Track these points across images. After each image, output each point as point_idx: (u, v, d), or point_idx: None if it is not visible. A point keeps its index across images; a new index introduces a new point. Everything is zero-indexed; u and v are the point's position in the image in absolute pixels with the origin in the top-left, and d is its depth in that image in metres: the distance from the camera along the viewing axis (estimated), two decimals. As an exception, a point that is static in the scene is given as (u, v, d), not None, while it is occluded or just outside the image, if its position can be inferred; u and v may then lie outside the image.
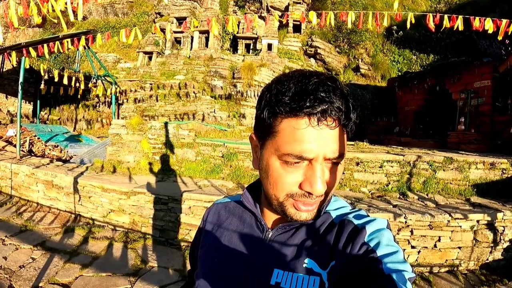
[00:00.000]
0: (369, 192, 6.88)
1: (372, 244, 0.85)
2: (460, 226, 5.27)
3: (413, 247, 5.25)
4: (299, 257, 0.92)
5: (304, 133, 0.81)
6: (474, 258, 5.37)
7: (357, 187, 7.02)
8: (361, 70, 18.38)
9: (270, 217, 1.04)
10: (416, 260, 5.26)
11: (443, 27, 8.55)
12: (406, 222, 5.19)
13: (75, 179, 7.39)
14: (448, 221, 5.24)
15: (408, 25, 8.38)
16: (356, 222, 0.93)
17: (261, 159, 0.94)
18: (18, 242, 5.79)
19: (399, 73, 17.41)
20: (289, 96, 0.82)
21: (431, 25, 8.43)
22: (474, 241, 5.34)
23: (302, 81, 0.83)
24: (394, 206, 5.81)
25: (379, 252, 0.82)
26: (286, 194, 0.88)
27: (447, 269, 5.30)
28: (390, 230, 0.92)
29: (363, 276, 0.80)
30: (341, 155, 0.85)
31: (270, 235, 0.99)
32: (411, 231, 5.22)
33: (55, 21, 6.37)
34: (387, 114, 16.15)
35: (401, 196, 6.62)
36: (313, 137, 0.80)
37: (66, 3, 5.91)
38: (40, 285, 4.47)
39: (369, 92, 17.43)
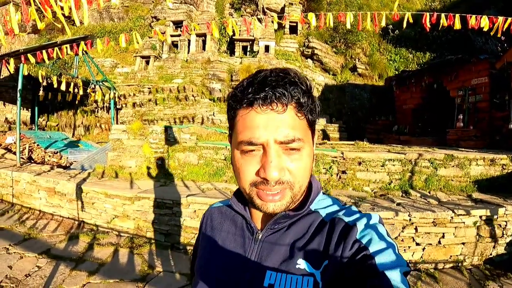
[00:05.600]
0: (372, 191, 6.90)
1: (364, 241, 0.86)
2: (463, 222, 5.30)
3: (417, 244, 5.27)
4: (291, 258, 0.92)
5: (251, 120, 0.87)
6: (478, 254, 5.40)
7: (359, 187, 7.03)
8: (358, 69, 18.40)
9: (259, 218, 1.05)
10: (421, 257, 5.28)
11: (440, 26, 8.58)
12: (410, 219, 5.21)
13: (77, 186, 7.36)
14: (452, 217, 5.27)
15: (405, 25, 8.42)
16: (346, 219, 0.94)
17: (231, 156, 0.98)
18: (22, 250, 5.76)
19: (396, 72, 17.45)
20: (240, 90, 0.91)
21: (428, 24, 8.46)
22: (477, 236, 5.37)
23: (253, 76, 0.91)
24: (398, 204, 5.82)
25: (372, 249, 0.83)
26: (250, 183, 0.91)
27: (451, 265, 5.32)
28: (383, 224, 0.93)
29: (358, 274, 0.80)
30: (296, 140, 0.86)
31: (260, 237, 1.00)
32: (416, 229, 5.24)
33: (59, 25, 6.30)
34: (385, 113, 16.17)
35: (403, 194, 6.65)
36: (260, 122, 0.86)
37: (70, 8, 5.86)
38: (47, 293, 4.45)
39: (367, 92, 17.47)
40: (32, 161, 11.72)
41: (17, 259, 5.43)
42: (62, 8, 6.00)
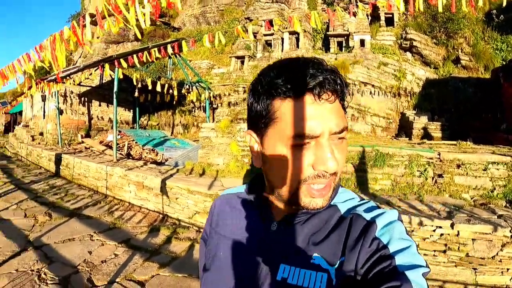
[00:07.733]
0: (471, 199, 6.20)
1: (384, 239, 0.81)
2: None
3: (519, 267, 4.54)
4: (306, 252, 0.88)
5: (305, 111, 0.80)
6: None
7: (457, 193, 6.37)
8: (461, 61, 17.12)
9: (276, 210, 0.99)
10: (520, 283, 4.56)
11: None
12: (512, 236, 4.52)
13: (163, 181, 7.63)
14: None
15: (504, 2, 7.57)
16: (366, 215, 0.89)
17: (264, 152, 0.90)
18: (104, 238, 6.13)
19: (503, 62, 16.02)
20: (282, 78, 0.82)
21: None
22: None
23: (290, 64, 0.85)
24: (499, 216, 5.07)
25: (392, 248, 0.78)
26: (300, 180, 0.84)
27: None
28: (402, 222, 0.88)
29: (376, 273, 0.76)
30: (345, 129, 0.84)
31: (275, 229, 0.95)
32: (519, 248, 4.52)
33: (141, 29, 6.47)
34: (492, 109, 14.87)
35: (507, 205, 5.82)
36: (315, 113, 0.80)
37: (136, 13, 5.92)
38: (117, 280, 4.63)
39: (471, 86, 16.19)
40: (130, 157, 12.51)
41: (98, 246, 5.79)
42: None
